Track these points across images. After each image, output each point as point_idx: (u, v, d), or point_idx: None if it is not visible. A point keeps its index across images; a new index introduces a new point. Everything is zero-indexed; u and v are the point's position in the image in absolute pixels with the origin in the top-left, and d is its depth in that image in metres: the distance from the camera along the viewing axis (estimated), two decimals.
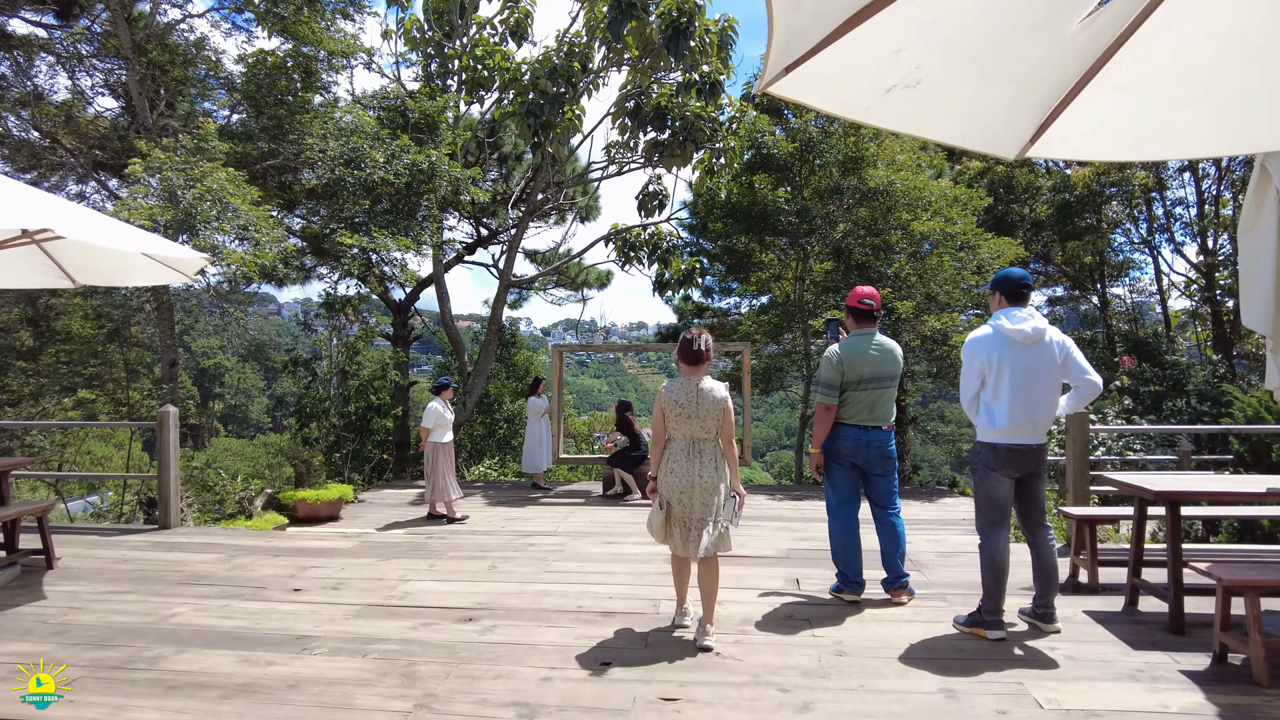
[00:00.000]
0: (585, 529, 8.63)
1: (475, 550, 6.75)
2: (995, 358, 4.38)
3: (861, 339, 5.10)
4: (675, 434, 4.37)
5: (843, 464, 5.17)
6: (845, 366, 5.00)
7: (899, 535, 5.18)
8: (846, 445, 5.10)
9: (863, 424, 5.07)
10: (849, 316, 5.23)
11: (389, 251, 10.36)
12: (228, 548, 6.74)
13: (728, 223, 13.88)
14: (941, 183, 12.67)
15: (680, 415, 4.30)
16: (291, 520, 9.44)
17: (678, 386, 4.35)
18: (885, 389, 5.10)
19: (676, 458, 4.35)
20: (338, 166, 10.56)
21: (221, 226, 9.01)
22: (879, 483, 5.20)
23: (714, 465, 4.33)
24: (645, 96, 13.80)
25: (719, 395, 4.32)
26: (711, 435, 4.34)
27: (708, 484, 4.29)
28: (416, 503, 10.79)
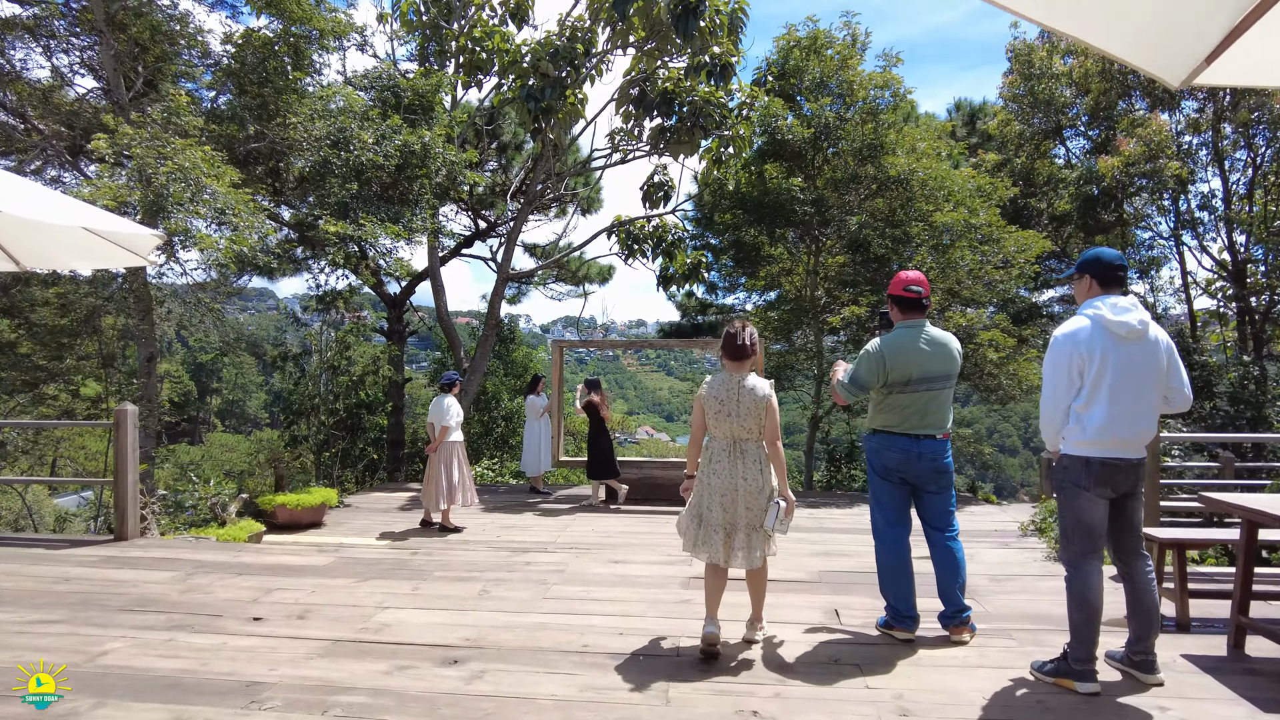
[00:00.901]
0: (587, 540, 7.84)
1: (465, 570, 5.93)
2: (1095, 354, 3.57)
3: (909, 332, 4.27)
4: (715, 433, 4.11)
5: (890, 479, 4.36)
6: (890, 365, 4.19)
7: (958, 562, 4.36)
8: (894, 457, 4.29)
9: (913, 432, 4.25)
10: (893, 307, 4.39)
11: (378, 240, 9.51)
12: (187, 564, 5.91)
13: (736, 214, 13.07)
14: (964, 172, 11.87)
15: (720, 413, 4.04)
16: (270, 527, 8.63)
17: (718, 382, 4.10)
18: (939, 391, 4.26)
19: (718, 458, 4.08)
20: (323, 148, 9.73)
21: (196, 209, 8.17)
22: (933, 501, 4.38)
23: (758, 467, 4.05)
24: (650, 82, 12.97)
25: (762, 392, 4.04)
26: (754, 435, 4.06)
27: (752, 487, 4.02)
28: (407, 507, 9.98)
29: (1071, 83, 13.42)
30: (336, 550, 6.70)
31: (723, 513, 4.04)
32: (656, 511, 9.60)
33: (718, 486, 4.05)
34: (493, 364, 17.86)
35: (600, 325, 41.66)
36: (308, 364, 14.39)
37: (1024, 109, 14.05)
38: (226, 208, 8.54)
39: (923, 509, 4.42)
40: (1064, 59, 13.85)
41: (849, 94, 12.03)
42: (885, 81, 11.86)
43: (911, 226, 11.22)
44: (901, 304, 4.33)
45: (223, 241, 8.20)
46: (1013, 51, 14.21)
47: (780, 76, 12.80)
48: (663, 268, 14.17)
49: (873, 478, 4.45)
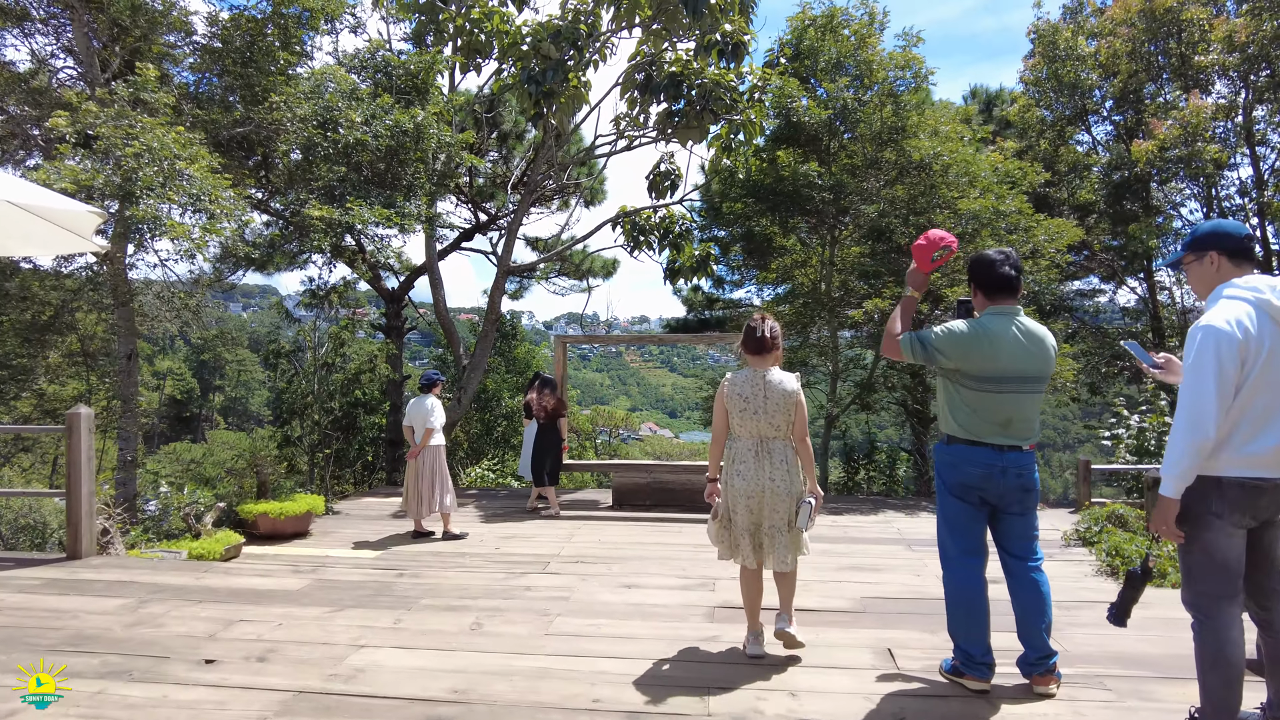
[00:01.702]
0: (593, 553, 7.09)
1: (455, 596, 5.16)
2: (1263, 348, 2.78)
3: (1000, 319, 3.48)
4: (740, 431, 3.87)
5: (967, 498, 3.59)
6: (975, 350, 3.41)
7: (1044, 598, 3.59)
8: (973, 472, 3.52)
9: (995, 442, 3.49)
10: (977, 291, 3.63)
11: (367, 225, 8.74)
12: (142, 589, 5.15)
13: (747, 203, 12.27)
14: (992, 156, 11.08)
15: (745, 410, 3.82)
16: (250, 538, 7.87)
17: (742, 379, 3.87)
18: (1030, 394, 3.51)
19: (743, 458, 3.85)
20: (309, 129, 8.95)
21: (168, 194, 7.40)
22: (1014, 524, 3.62)
23: (785, 467, 3.82)
24: (657, 66, 12.18)
25: (790, 387, 3.82)
26: (782, 433, 3.84)
27: (779, 488, 3.79)
28: (400, 515, 9.22)
29: (1098, 65, 12.63)
30: (314, 571, 5.94)
31: (748, 515, 3.83)
32: (667, 519, 8.84)
33: (743, 489, 3.81)
34: (494, 361, 17.10)
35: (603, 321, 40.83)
36: (302, 361, 13.65)
37: (1047, 93, 13.25)
38: (202, 193, 7.77)
39: (1001, 533, 3.67)
40: (1089, 40, 13.07)
41: (867, 75, 11.24)
42: (906, 61, 11.07)
43: (936, 214, 10.42)
44: (990, 286, 3.55)
45: (196, 230, 7.42)
46: (1035, 33, 13.42)
47: (794, 58, 12.02)
48: (670, 260, 13.41)
49: (944, 496, 3.68)
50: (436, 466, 7.76)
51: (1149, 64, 12.18)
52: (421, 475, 7.70)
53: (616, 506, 9.47)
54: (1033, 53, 13.81)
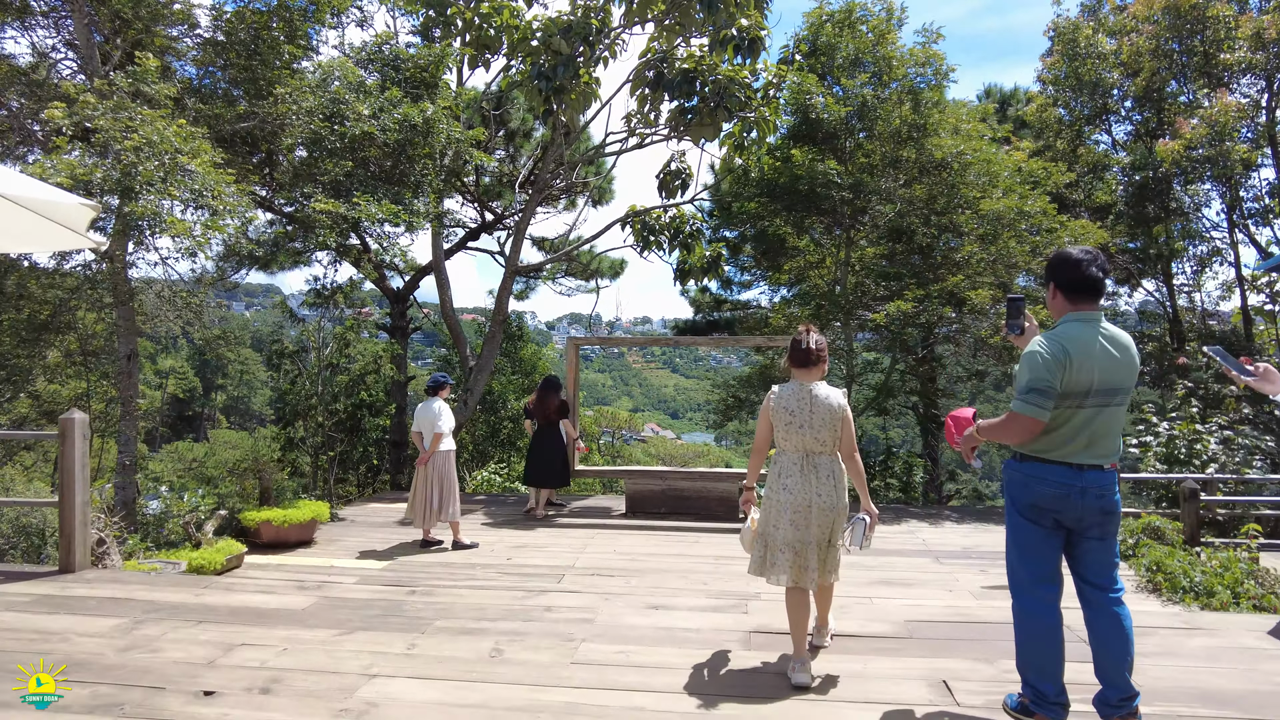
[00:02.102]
0: (609, 565, 6.76)
1: (471, 617, 4.82)
2: None
3: (1085, 328, 3.13)
4: (785, 445, 3.80)
5: (1040, 521, 3.24)
6: (1073, 367, 3.05)
7: (1126, 633, 3.21)
8: (1048, 493, 3.17)
9: (1076, 461, 3.14)
10: (1057, 293, 3.24)
11: (374, 221, 8.40)
12: (138, 607, 4.82)
13: (761, 202, 11.92)
14: (1015, 154, 10.74)
15: (791, 424, 3.74)
16: (252, 547, 7.54)
17: (788, 392, 3.80)
18: (1116, 407, 3.16)
19: (789, 473, 3.76)
20: (315, 122, 8.61)
21: (169, 190, 7.06)
22: (1093, 550, 3.26)
23: (832, 482, 3.73)
24: (668, 63, 11.85)
25: (836, 402, 3.74)
26: (828, 448, 3.76)
27: (826, 504, 3.71)
28: (406, 522, 8.88)
29: (1119, 63, 12.29)
30: (319, 587, 5.60)
31: (793, 530, 3.71)
32: (683, 528, 8.51)
33: (788, 503, 3.71)
34: (499, 362, 16.77)
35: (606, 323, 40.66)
36: (306, 362, 13.32)
37: (1065, 91, 12.90)
38: (204, 189, 7.43)
39: (1077, 559, 3.32)
40: (1109, 39, 12.72)
41: (886, 71, 10.90)
42: (926, 58, 10.73)
43: (957, 214, 10.08)
44: (1074, 288, 3.16)
45: (198, 226, 7.08)
46: (1055, 30, 13.08)
47: (810, 54, 11.68)
48: (680, 260, 13.08)
49: (1014, 518, 3.33)
50: (445, 474, 7.44)
51: (1172, 62, 11.84)
52: (430, 483, 7.38)
53: (630, 514, 9.13)
54: (1051, 51, 13.47)
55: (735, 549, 7.57)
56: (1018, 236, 10.05)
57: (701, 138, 11.90)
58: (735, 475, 9.04)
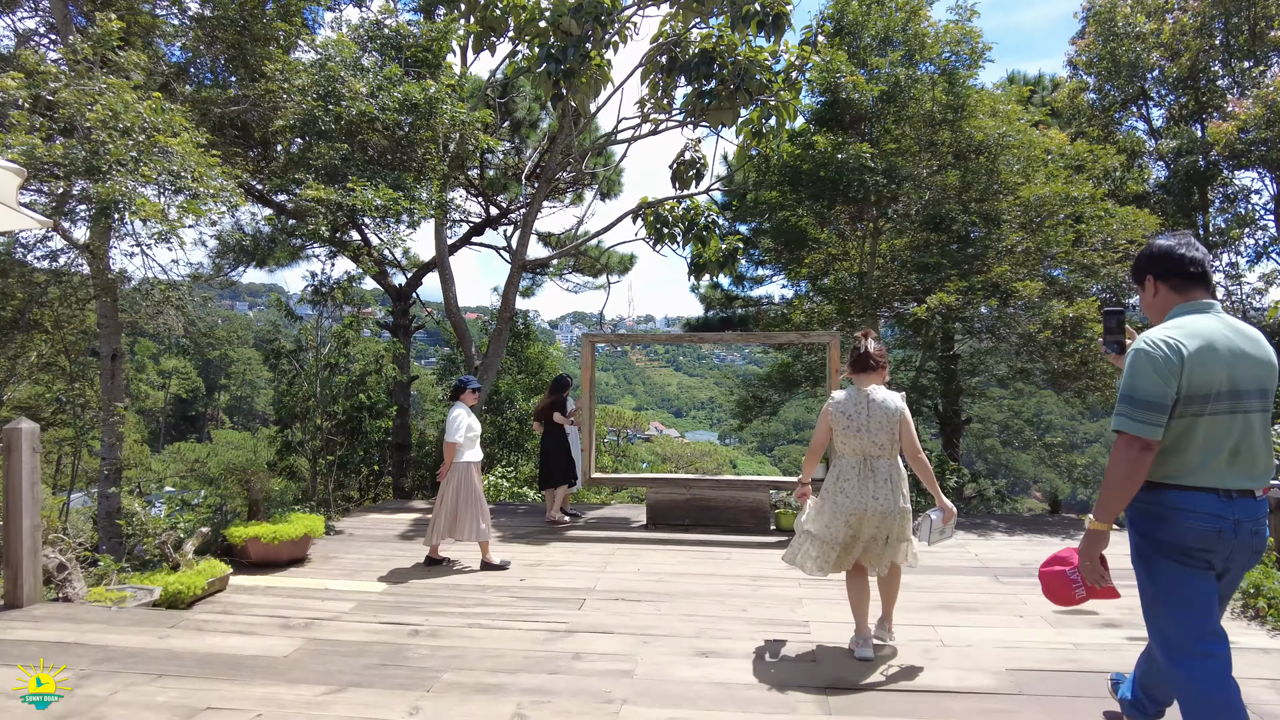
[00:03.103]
0: (634, 589, 5.95)
1: (487, 668, 3.97)
2: None
3: (1202, 317, 2.57)
4: (844, 449, 3.85)
5: (1192, 563, 2.54)
6: (1190, 364, 2.46)
7: None
8: (1197, 530, 2.49)
9: (1220, 486, 2.49)
10: (1159, 287, 2.69)
11: (372, 209, 7.57)
12: (88, 654, 3.99)
13: (783, 191, 11.08)
14: (1059, 137, 9.90)
15: (849, 429, 3.79)
16: (239, 567, 6.72)
17: (846, 397, 3.86)
18: (1259, 414, 2.53)
19: (847, 476, 3.81)
20: (308, 101, 7.78)
21: (142, 170, 6.23)
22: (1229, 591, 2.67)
23: (890, 486, 3.74)
24: (681, 47, 11.03)
25: (893, 405, 3.77)
26: (886, 451, 3.77)
27: (884, 507, 3.71)
28: (409, 535, 8.08)
29: (1159, 44, 11.46)
30: (306, 626, 4.75)
31: (847, 529, 3.77)
32: (711, 541, 7.68)
33: (845, 505, 3.76)
34: (506, 361, 15.94)
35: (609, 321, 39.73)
36: (304, 362, 12.51)
37: (1100, 75, 12.07)
38: (184, 170, 6.60)
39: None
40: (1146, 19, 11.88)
41: (919, 50, 10.06)
42: (962, 35, 9.89)
43: (1001, 201, 9.25)
44: (1180, 275, 2.64)
45: (173, 210, 6.25)
46: (1089, 9, 12.23)
47: (835, 34, 10.83)
48: (694, 255, 12.26)
49: (1154, 561, 2.61)
50: (462, 488, 6.59)
51: (1217, 41, 11.00)
52: (444, 497, 6.54)
53: (651, 526, 8.30)
54: (1083, 32, 12.63)
55: (771, 567, 6.76)
56: (1061, 224, 9.22)
57: (720, 122, 11.07)
58: (766, 484, 8.23)
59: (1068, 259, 9.39)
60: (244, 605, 5.73)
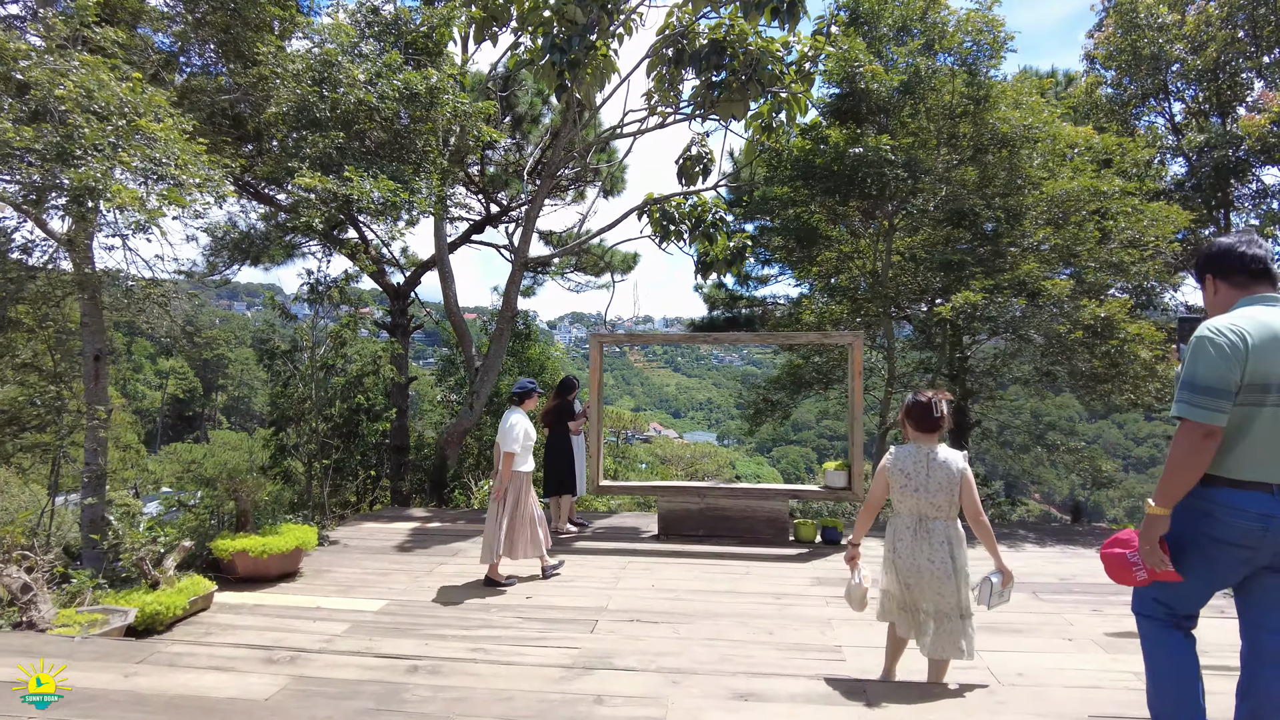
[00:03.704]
0: (650, 609, 5.47)
1: (497, 713, 3.46)
2: None
3: (1266, 309, 2.58)
4: (900, 508, 3.63)
5: (1218, 561, 2.62)
6: (1253, 352, 2.48)
7: None
8: (1238, 526, 2.53)
9: (1273, 481, 2.50)
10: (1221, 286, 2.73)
11: (369, 200, 7.06)
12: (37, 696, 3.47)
13: (794, 186, 10.60)
14: (1085, 130, 9.43)
15: (906, 487, 3.56)
16: (226, 583, 6.22)
17: (906, 454, 3.61)
18: None
19: (901, 536, 3.60)
20: (303, 86, 7.27)
21: (119, 156, 5.73)
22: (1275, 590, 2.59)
23: (946, 548, 3.47)
24: (689, 38, 10.54)
25: (956, 467, 3.50)
26: (943, 513, 3.52)
27: (939, 570, 3.45)
28: (408, 545, 7.58)
29: (1182, 35, 11.00)
30: (292, 661, 4.24)
31: (905, 592, 3.60)
32: (727, 554, 7.18)
33: (902, 567, 3.59)
34: (507, 362, 15.45)
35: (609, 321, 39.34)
36: (299, 362, 12.02)
37: (1122, 68, 11.60)
38: (167, 157, 6.10)
39: (1254, 600, 2.64)
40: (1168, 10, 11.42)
41: (939, 40, 9.58)
42: (984, 24, 9.40)
43: (1026, 196, 8.77)
44: (1241, 272, 2.68)
45: (152, 198, 5.74)
46: (1110, 1, 11.77)
47: (850, 23, 10.35)
48: (701, 252, 11.78)
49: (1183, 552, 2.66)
50: (521, 501, 6.18)
51: (1247, 32, 10.54)
52: (498, 512, 6.06)
53: (663, 536, 7.80)
54: (1102, 24, 12.17)
55: (794, 583, 6.29)
56: (1090, 220, 8.75)
57: (730, 115, 10.59)
58: (784, 493, 7.74)
59: (1094, 257, 8.90)
60: (227, 627, 5.24)
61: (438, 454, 12.49)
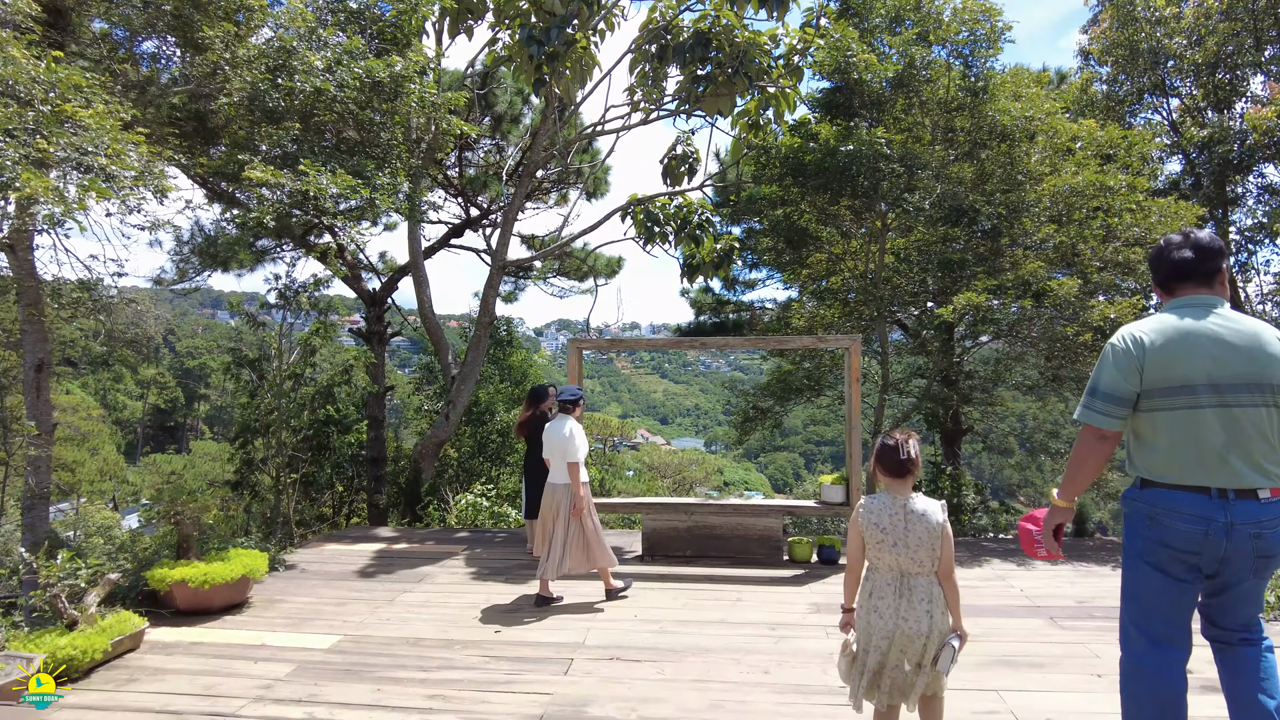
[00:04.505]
0: (633, 644, 4.86)
1: None
2: None
3: (1182, 311, 2.62)
4: (877, 564, 3.13)
5: (1169, 568, 2.61)
6: (1149, 355, 2.57)
7: None
8: (1179, 530, 2.54)
9: (1212, 485, 2.49)
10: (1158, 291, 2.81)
11: (325, 195, 6.43)
12: None
13: (785, 185, 10.06)
14: (1088, 123, 8.93)
15: (883, 543, 3.06)
16: (160, 618, 5.55)
17: (878, 506, 3.09)
18: (1253, 408, 2.47)
19: (881, 593, 3.10)
20: (254, 74, 6.64)
21: (37, 143, 5.09)
22: (1241, 597, 2.61)
23: (928, 606, 3.00)
24: (672, 33, 10.01)
25: (935, 520, 3.02)
26: (925, 569, 3.04)
27: (922, 629, 2.97)
28: (371, 569, 6.92)
29: (1181, 29, 10.56)
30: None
31: (878, 656, 3.06)
32: (719, 578, 6.58)
33: (880, 629, 3.05)
34: (485, 369, 14.82)
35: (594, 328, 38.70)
36: (267, 372, 11.35)
37: (1118, 63, 11.14)
38: (96, 145, 5.46)
39: (1218, 608, 2.68)
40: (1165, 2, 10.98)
41: (934, 30, 9.06)
42: (982, 12, 8.89)
43: (1028, 192, 8.24)
44: (1169, 276, 2.72)
45: (72, 189, 5.10)
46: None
47: (842, 14, 9.83)
48: (687, 255, 11.21)
49: (1134, 562, 2.73)
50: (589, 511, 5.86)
51: (1247, 25, 10.11)
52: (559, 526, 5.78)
53: (648, 557, 7.18)
54: (1097, 19, 11.74)
55: (791, 611, 5.69)
56: (1096, 217, 8.25)
57: (717, 110, 10.02)
58: (777, 509, 7.14)
59: (1099, 256, 8.40)
60: (155, 672, 4.60)
61: (412, 467, 11.83)
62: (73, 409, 36.81)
